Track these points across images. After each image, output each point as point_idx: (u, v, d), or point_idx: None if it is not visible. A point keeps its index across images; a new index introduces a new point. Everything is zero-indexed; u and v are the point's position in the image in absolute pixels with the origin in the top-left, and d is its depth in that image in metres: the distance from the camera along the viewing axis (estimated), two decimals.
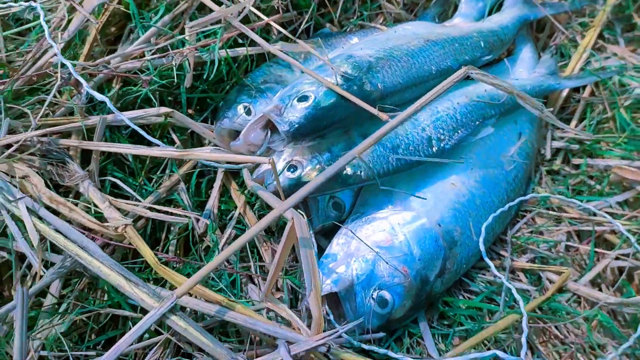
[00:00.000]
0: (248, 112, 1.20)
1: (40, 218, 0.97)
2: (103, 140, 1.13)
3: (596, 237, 1.32)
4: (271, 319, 0.99)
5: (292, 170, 1.13)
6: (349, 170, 1.14)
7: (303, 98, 1.11)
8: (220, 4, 1.21)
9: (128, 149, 1.04)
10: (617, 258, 1.29)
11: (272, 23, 1.16)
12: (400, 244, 1.15)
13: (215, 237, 1.14)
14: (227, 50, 1.22)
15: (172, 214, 1.04)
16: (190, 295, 0.95)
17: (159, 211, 1.04)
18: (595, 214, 1.34)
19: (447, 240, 1.19)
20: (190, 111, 1.30)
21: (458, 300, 1.22)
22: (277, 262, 0.93)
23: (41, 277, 0.96)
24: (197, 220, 1.15)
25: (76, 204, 1.03)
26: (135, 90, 1.16)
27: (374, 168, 1.16)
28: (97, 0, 1.13)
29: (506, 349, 1.12)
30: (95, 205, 1.05)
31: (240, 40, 1.28)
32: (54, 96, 1.06)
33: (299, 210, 0.97)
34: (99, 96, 1.03)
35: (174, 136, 1.22)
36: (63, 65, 1.05)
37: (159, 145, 1.04)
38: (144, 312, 0.88)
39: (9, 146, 1.03)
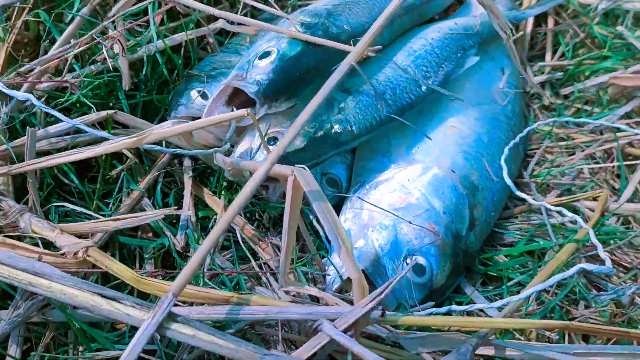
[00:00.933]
0: (204, 96, 1.01)
1: None
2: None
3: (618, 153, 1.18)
4: None
5: (272, 143, 0.95)
6: (337, 128, 0.96)
7: (264, 54, 0.95)
8: None
9: (69, 155, 0.83)
10: None
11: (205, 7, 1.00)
12: (418, 200, 0.97)
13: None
14: (164, 40, 1.04)
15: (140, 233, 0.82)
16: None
17: (124, 219, 0.82)
18: (603, 133, 1.21)
19: (466, 186, 1.02)
20: None
21: (498, 252, 1.03)
22: (287, 232, 0.73)
23: None
24: (174, 234, 0.93)
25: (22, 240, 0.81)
26: (64, 100, 0.95)
27: (364, 121, 0.99)
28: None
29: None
30: (44, 239, 0.83)
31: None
32: None
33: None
34: (20, 95, 0.82)
35: (125, 151, 1.01)
36: None
37: (107, 139, 0.84)
38: (135, 330, 0.66)
39: None
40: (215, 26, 1.08)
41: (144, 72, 1.03)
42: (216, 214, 0.99)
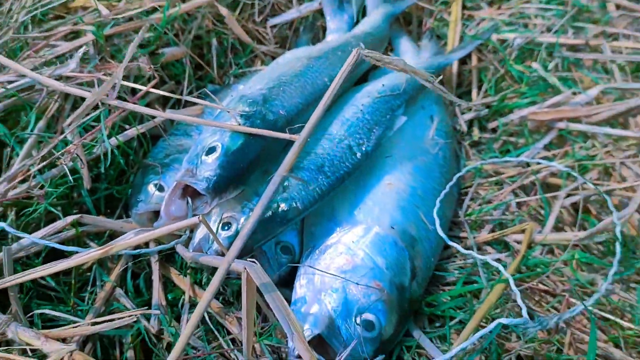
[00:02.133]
0: (160, 189, 1.11)
1: None
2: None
3: (540, 182, 1.31)
4: None
5: (226, 227, 1.05)
6: (284, 207, 1.07)
7: (210, 150, 1.05)
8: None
9: (45, 270, 0.93)
10: (568, 195, 1.28)
11: (153, 90, 1.09)
12: (363, 261, 1.09)
13: (174, 329, 1.03)
14: (117, 137, 1.14)
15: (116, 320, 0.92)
16: None
17: (101, 322, 0.92)
18: (529, 165, 1.34)
19: (405, 240, 1.14)
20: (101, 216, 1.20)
21: (440, 295, 1.16)
22: (246, 321, 0.84)
23: None
24: (148, 319, 1.04)
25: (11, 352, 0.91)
26: (32, 209, 1.05)
27: (308, 196, 1.10)
28: None
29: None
30: (31, 346, 0.92)
31: (126, 127, 1.21)
32: None
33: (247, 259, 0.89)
34: None
35: (92, 245, 1.11)
36: None
37: (77, 252, 0.93)
38: None
39: None
40: (163, 118, 1.17)
41: (102, 168, 1.12)
42: (184, 293, 1.10)
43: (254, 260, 0.87)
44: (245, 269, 0.85)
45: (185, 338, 0.79)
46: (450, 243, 1.14)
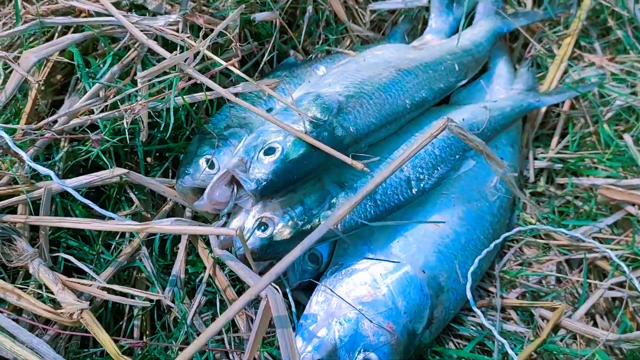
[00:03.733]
0: (211, 166, 1.10)
1: None
2: (53, 208, 1.04)
3: (587, 264, 1.26)
4: None
5: (262, 229, 1.04)
6: None
7: (270, 150, 1.02)
8: (175, 47, 1.11)
9: (78, 224, 0.94)
10: (610, 288, 1.23)
11: (231, 67, 1.06)
12: (384, 297, 1.07)
13: (184, 307, 1.04)
14: (184, 97, 1.11)
15: (130, 296, 0.94)
16: None
17: (115, 292, 0.93)
18: (583, 240, 1.28)
19: (433, 287, 1.12)
20: (149, 159, 1.20)
21: (448, 350, 1.14)
22: (251, 345, 0.84)
23: None
24: (163, 287, 1.05)
25: (26, 289, 0.93)
26: (85, 150, 1.05)
27: (350, 220, 1.07)
28: (34, 57, 1.01)
29: None
30: (48, 289, 0.95)
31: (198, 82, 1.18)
32: None
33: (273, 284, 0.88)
34: (42, 169, 0.92)
35: (132, 195, 1.12)
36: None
37: (113, 219, 0.94)
38: None
39: None
40: (235, 90, 1.13)
41: (162, 125, 1.11)
42: (204, 269, 1.10)
43: (276, 287, 0.86)
44: (266, 296, 0.84)
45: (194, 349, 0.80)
46: (475, 309, 1.11)
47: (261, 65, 1.32)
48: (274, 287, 0.86)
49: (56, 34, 1.13)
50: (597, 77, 1.50)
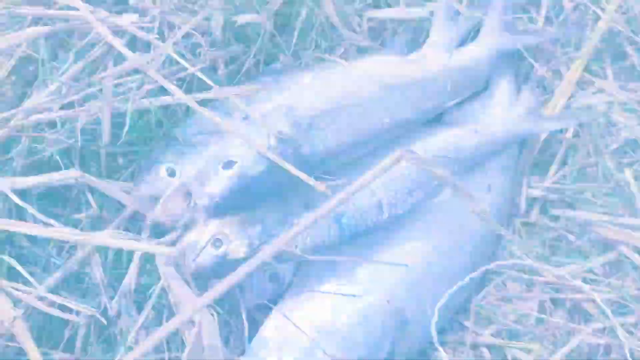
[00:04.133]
0: (172, 174, 1.05)
1: None
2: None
3: (572, 306, 1.19)
4: None
5: (216, 245, 0.99)
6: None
7: (228, 164, 0.97)
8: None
9: (18, 227, 0.90)
10: (592, 334, 1.15)
11: (199, 74, 1.01)
12: (343, 326, 1.02)
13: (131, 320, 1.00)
14: (151, 100, 1.07)
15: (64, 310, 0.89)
16: None
17: (52, 304, 0.90)
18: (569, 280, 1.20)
19: (396, 319, 1.05)
20: (120, 161, 1.16)
21: None
22: None
23: None
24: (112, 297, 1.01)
25: None
26: (41, 150, 1.01)
27: (312, 240, 1.02)
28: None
29: None
30: None
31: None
32: None
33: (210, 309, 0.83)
34: None
35: (90, 198, 1.08)
36: None
37: (52, 226, 0.90)
38: None
39: None
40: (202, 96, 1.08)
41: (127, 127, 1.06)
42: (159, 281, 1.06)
43: (213, 313, 0.81)
44: (199, 322, 0.79)
45: None
46: (438, 347, 1.04)
47: (243, 70, 1.27)
48: (212, 314, 0.81)
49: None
50: (605, 104, 1.41)
